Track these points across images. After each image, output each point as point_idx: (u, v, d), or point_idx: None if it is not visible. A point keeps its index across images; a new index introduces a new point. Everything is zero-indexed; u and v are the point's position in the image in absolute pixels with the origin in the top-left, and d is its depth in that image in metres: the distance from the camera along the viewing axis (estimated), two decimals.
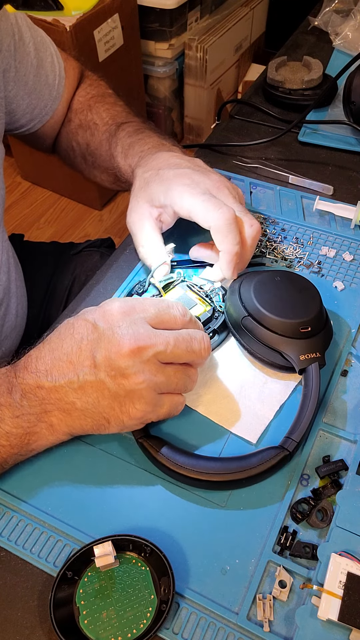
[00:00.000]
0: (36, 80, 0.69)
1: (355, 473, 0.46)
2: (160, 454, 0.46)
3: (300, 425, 0.47)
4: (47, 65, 0.71)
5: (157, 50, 1.92)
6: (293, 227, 0.69)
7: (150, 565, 0.43)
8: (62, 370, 0.44)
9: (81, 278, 0.86)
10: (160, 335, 0.44)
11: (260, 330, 0.51)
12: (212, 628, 0.41)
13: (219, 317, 0.55)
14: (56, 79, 0.72)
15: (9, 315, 0.72)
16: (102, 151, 0.72)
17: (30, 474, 0.49)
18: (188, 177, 0.56)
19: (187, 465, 0.46)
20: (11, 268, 0.72)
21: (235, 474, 0.45)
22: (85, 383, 0.44)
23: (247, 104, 0.90)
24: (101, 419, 0.45)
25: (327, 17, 1.05)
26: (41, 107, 0.72)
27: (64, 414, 0.45)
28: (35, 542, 0.45)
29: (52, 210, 2.06)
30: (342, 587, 0.39)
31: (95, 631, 0.40)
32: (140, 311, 0.46)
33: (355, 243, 0.66)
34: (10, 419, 0.45)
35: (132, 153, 0.66)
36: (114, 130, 0.70)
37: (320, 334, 0.52)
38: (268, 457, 0.46)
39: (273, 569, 0.43)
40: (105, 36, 1.63)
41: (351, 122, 0.80)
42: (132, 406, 0.44)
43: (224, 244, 0.54)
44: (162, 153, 0.62)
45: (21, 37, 0.66)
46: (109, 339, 0.44)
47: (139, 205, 0.59)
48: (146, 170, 0.60)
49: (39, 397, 0.45)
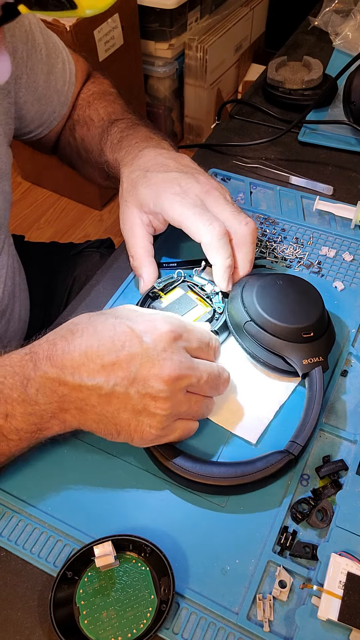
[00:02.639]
0: (46, 87, 0.69)
1: (355, 473, 0.46)
2: (165, 458, 0.46)
3: (305, 429, 0.47)
4: (57, 71, 0.70)
5: (157, 50, 1.92)
6: (293, 227, 0.69)
7: (150, 565, 0.43)
8: (91, 371, 0.42)
9: (81, 278, 0.86)
10: (197, 369, 0.45)
11: (262, 335, 0.52)
12: (212, 628, 0.41)
13: (219, 317, 0.55)
14: (66, 85, 0.72)
15: (12, 320, 0.72)
16: (94, 146, 0.71)
17: (30, 474, 0.49)
18: (177, 183, 0.55)
19: (193, 470, 0.45)
20: (16, 272, 0.72)
21: (240, 479, 0.45)
22: (113, 393, 0.43)
23: (247, 104, 0.90)
24: (113, 429, 0.44)
25: (327, 17, 1.05)
26: (49, 112, 0.72)
27: (80, 412, 0.44)
28: (36, 542, 0.45)
29: (52, 210, 2.06)
30: (342, 587, 0.39)
31: (95, 631, 0.40)
32: (186, 338, 0.46)
33: (355, 243, 0.66)
34: (23, 415, 0.43)
35: (119, 147, 0.65)
36: (107, 126, 0.69)
37: (323, 338, 0.52)
38: (273, 462, 0.46)
39: (273, 569, 0.43)
40: (105, 36, 1.63)
41: (351, 122, 0.80)
42: (147, 427, 0.44)
43: (216, 258, 0.54)
44: (149, 150, 0.61)
45: (34, 44, 0.66)
46: (152, 358, 0.43)
47: (130, 212, 0.59)
48: (133, 170, 0.60)
49: (59, 393, 0.43)
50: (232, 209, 0.55)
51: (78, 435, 0.51)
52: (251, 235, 0.55)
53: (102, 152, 0.69)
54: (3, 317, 0.69)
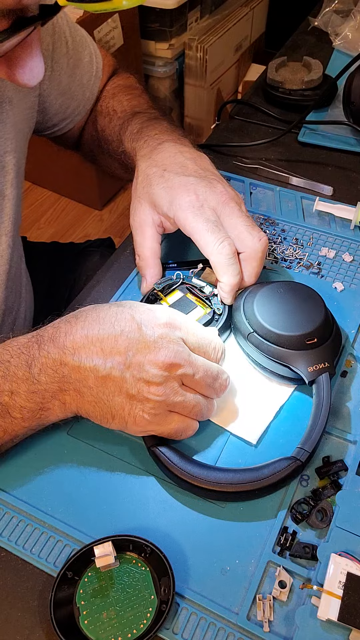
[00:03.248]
0: (71, 81, 0.69)
1: (355, 473, 0.46)
2: (171, 463, 0.46)
3: (313, 436, 0.47)
4: (84, 65, 0.70)
5: (157, 50, 1.92)
6: (293, 228, 0.69)
7: (150, 565, 0.43)
8: (90, 353, 0.44)
9: (82, 278, 0.87)
10: (193, 362, 0.46)
11: (266, 346, 0.51)
12: (212, 628, 0.41)
13: (218, 319, 0.55)
14: (92, 80, 0.72)
15: (18, 319, 0.72)
16: (114, 137, 0.70)
17: (30, 474, 0.49)
18: (193, 191, 0.55)
19: (199, 476, 0.45)
20: (22, 274, 0.73)
21: (247, 485, 0.45)
22: (109, 375, 0.44)
23: (247, 104, 0.90)
24: (107, 413, 0.45)
25: (327, 18, 1.05)
26: (74, 107, 0.72)
27: (78, 394, 0.45)
28: (36, 543, 0.45)
29: (52, 210, 2.06)
30: (342, 587, 0.40)
31: (96, 631, 0.40)
32: (185, 332, 0.47)
33: (355, 244, 0.67)
34: (26, 393, 0.45)
35: (138, 137, 0.64)
36: (129, 117, 0.68)
37: (328, 343, 0.51)
38: (280, 468, 0.45)
39: (273, 569, 0.43)
40: (105, 36, 1.63)
41: (351, 122, 0.80)
42: (139, 412, 0.44)
43: (224, 276, 0.54)
44: (169, 144, 0.60)
45: (60, 37, 0.66)
46: (148, 345, 0.44)
47: (142, 209, 0.58)
48: (150, 165, 0.59)
49: (59, 374, 0.44)
50: (247, 223, 0.55)
51: (79, 435, 0.51)
52: (262, 251, 0.55)
53: (120, 142, 0.68)
54: (10, 315, 0.69)
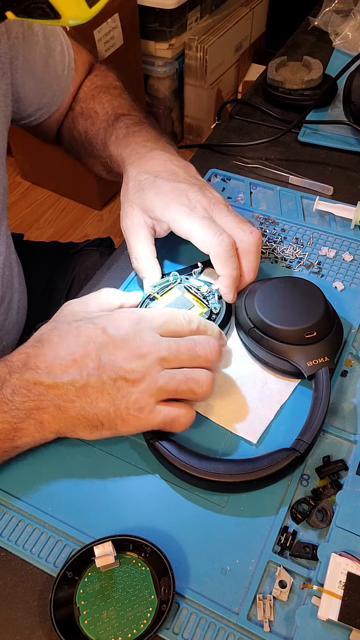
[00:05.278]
0: (45, 70, 0.69)
1: (355, 473, 0.46)
2: (170, 455, 0.46)
3: (312, 428, 0.47)
4: (56, 55, 0.70)
5: (157, 50, 1.92)
6: (293, 228, 0.69)
7: (150, 565, 0.43)
8: (64, 368, 0.45)
9: (80, 277, 0.86)
10: (163, 342, 0.46)
11: (266, 341, 0.52)
12: (213, 628, 0.41)
13: (216, 318, 0.55)
14: (65, 70, 0.72)
15: (11, 310, 0.72)
16: (98, 140, 0.71)
17: (30, 474, 0.49)
18: (185, 195, 0.56)
19: (197, 466, 0.45)
20: (13, 263, 0.72)
21: (246, 475, 0.45)
22: (88, 383, 0.44)
23: (247, 104, 0.90)
24: (96, 421, 0.45)
25: (327, 17, 1.05)
26: (49, 97, 0.72)
27: (58, 411, 0.45)
28: (36, 542, 0.45)
29: (52, 210, 2.06)
30: (342, 587, 0.39)
31: (96, 631, 0.40)
32: (148, 321, 0.48)
33: (355, 243, 0.66)
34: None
35: (125, 143, 0.65)
36: (112, 120, 0.69)
37: (328, 338, 0.52)
38: (279, 459, 0.46)
39: (273, 569, 0.43)
40: (105, 36, 1.63)
41: (351, 122, 0.80)
42: (125, 410, 0.44)
43: (225, 269, 0.55)
44: (158, 152, 0.61)
45: (30, 25, 0.66)
46: (116, 343, 0.46)
47: (134, 213, 0.59)
48: (141, 172, 0.60)
49: (35, 392, 0.45)
50: (238, 220, 0.56)
51: None
52: (256, 244, 0.56)
53: (105, 146, 0.69)
54: (2, 305, 0.69)
